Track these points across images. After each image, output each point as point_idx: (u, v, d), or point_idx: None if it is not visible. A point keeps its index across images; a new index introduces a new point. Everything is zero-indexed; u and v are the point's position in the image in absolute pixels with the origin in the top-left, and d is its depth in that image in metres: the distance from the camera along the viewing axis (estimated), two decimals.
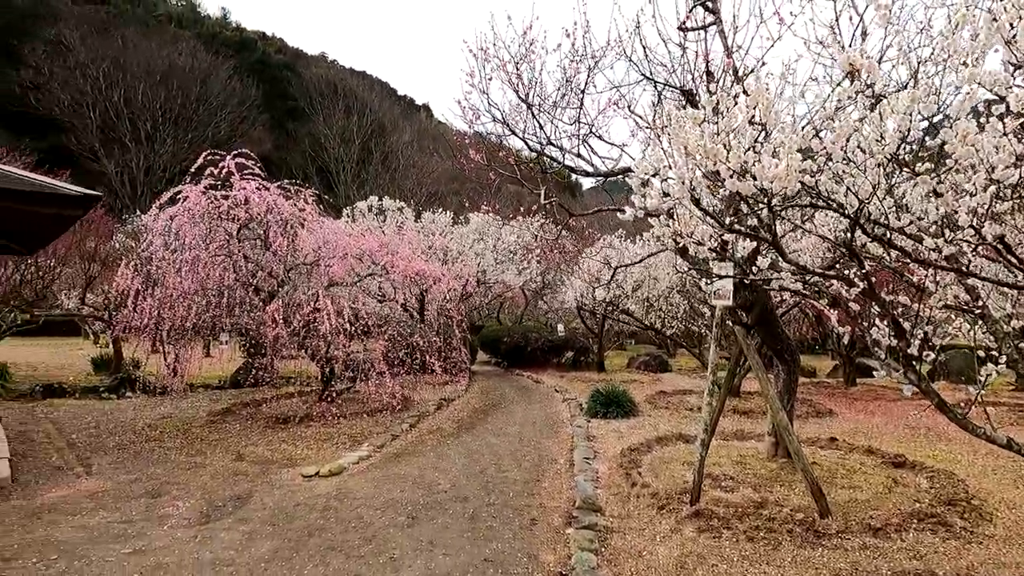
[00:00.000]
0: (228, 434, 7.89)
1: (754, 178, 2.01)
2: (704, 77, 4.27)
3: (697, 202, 2.36)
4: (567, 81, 4.49)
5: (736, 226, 2.48)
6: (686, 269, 9.65)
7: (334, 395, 9.44)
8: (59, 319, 19.45)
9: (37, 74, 35.24)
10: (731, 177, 2.04)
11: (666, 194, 2.85)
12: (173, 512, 4.85)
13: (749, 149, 2.08)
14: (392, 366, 9.36)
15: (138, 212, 19.27)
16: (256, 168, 8.88)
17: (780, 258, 2.51)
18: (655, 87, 4.36)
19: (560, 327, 15.71)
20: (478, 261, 13.46)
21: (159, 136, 37.41)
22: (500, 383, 14.24)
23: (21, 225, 7.02)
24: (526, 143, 4.78)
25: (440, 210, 14.75)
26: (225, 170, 8.35)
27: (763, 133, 2.13)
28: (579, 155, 4.85)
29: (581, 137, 4.81)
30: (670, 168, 2.44)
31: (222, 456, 6.70)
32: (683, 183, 2.27)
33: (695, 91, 4.27)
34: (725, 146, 2.03)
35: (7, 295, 14.16)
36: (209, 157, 8.45)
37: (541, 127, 4.81)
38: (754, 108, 2.12)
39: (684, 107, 3.35)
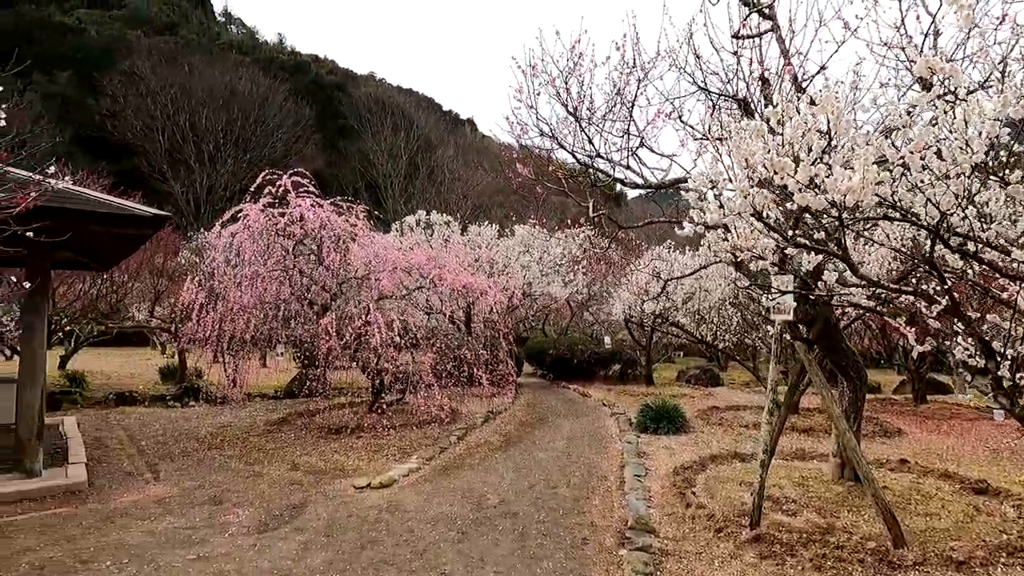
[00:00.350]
0: (283, 444, 8.14)
1: (823, 191, 1.91)
2: (759, 85, 4.13)
3: (759, 215, 2.27)
4: (616, 93, 4.45)
5: (801, 239, 2.36)
6: (741, 282, 9.34)
7: (384, 407, 9.60)
8: (130, 330, 20.75)
9: (113, 102, 38.03)
10: (800, 191, 1.94)
11: (722, 206, 2.76)
12: (233, 520, 5.02)
13: (817, 161, 1.97)
14: (440, 378, 9.47)
15: (201, 229, 20.34)
16: (311, 186, 9.23)
17: (851, 272, 2.37)
18: (708, 97, 4.25)
19: (607, 339, 15.48)
20: (524, 273, 13.47)
21: (220, 157, 39.52)
22: (546, 396, 14.14)
23: (100, 244, 7.53)
24: (575, 156, 4.75)
25: (486, 223, 14.87)
26: (282, 188, 8.70)
27: (828, 143, 2.02)
28: (628, 167, 4.78)
29: (631, 149, 4.74)
30: (730, 181, 2.36)
31: (278, 465, 6.91)
32: (744, 196, 2.18)
33: (751, 100, 4.14)
34: (793, 159, 1.94)
35: (85, 308, 15.21)
36: (267, 176, 8.85)
37: (590, 140, 4.78)
38: (821, 117, 2.02)
39: (741, 117, 3.24)
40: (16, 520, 4.97)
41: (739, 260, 5.11)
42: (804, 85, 3.81)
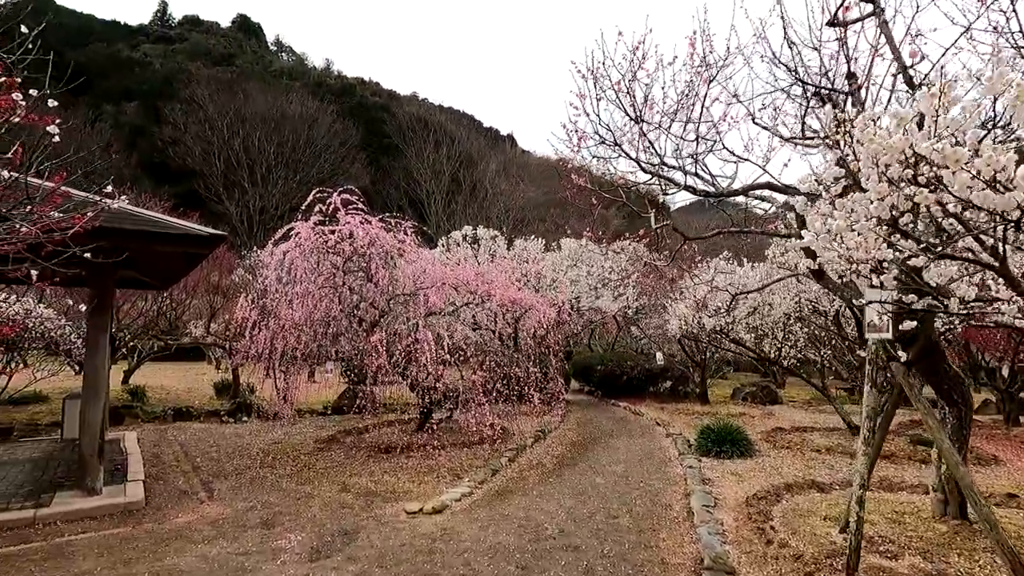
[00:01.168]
0: (333, 463, 8.04)
1: (1010, 188, 1.54)
2: (847, 81, 3.73)
3: (895, 222, 1.91)
4: (685, 94, 4.14)
5: (943, 250, 1.98)
6: (807, 295, 8.74)
7: (434, 426, 9.42)
8: (187, 346, 21.53)
9: (175, 129, 40.16)
10: (983, 189, 1.58)
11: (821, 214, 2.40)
12: (285, 545, 4.87)
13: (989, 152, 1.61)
14: (489, 396, 9.23)
15: (254, 248, 20.97)
16: (360, 203, 9.23)
17: (1011, 287, 1.96)
18: (805, 92, 3.86)
19: (659, 355, 14.90)
20: (573, 288, 13.11)
21: (272, 178, 41.05)
22: (596, 414, 13.67)
23: (158, 263, 7.70)
24: (639, 164, 4.45)
25: (532, 237, 14.63)
26: (332, 206, 8.72)
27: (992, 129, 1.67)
28: (697, 174, 4.44)
29: (697, 155, 4.40)
30: (854, 183, 2.02)
31: (329, 486, 6.78)
32: (880, 199, 1.84)
33: (845, 96, 3.73)
34: (974, 151, 1.59)
35: (147, 325, 15.81)
36: (318, 195, 8.89)
37: (651, 144, 4.48)
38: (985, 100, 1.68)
39: (839, 111, 2.87)
40: (75, 540, 4.98)
41: (816, 270, 4.67)
42: (913, 75, 3.40)
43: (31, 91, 3.22)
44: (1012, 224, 1.58)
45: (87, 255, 3.62)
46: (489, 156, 48.79)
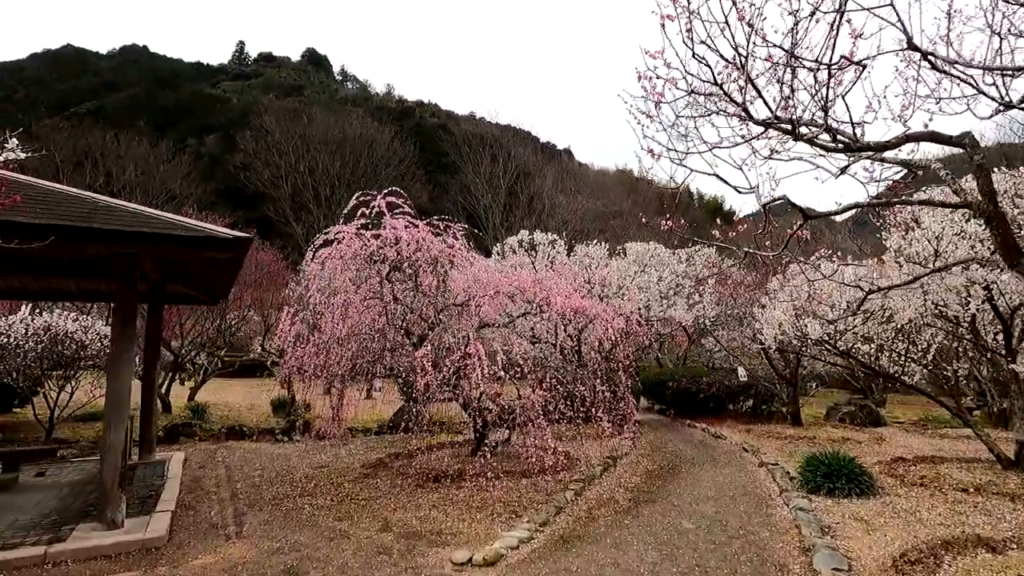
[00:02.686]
0: (377, 492, 7.22)
1: None
2: None
3: None
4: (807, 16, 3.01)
5: None
6: (932, 296, 7.09)
7: (488, 451, 8.46)
8: (251, 363, 21.82)
9: (245, 155, 42.16)
10: None
11: None
12: None
13: None
14: (548, 417, 8.18)
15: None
16: (406, 206, 8.53)
17: None
18: None
19: (741, 370, 13.28)
20: (642, 295, 11.84)
21: (335, 198, 42.14)
22: (671, 436, 12.24)
23: (192, 271, 7.25)
24: (747, 113, 3.33)
25: (595, 241, 13.52)
26: (376, 209, 8.05)
27: None
28: (826, 126, 3.28)
29: (827, 102, 3.24)
30: None
31: (368, 523, 5.92)
32: None
33: None
34: None
35: (207, 342, 15.92)
36: (361, 198, 8.26)
37: (759, 94, 3.36)
38: None
39: None
40: None
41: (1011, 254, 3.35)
42: None
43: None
44: None
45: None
46: (546, 170, 48.08)
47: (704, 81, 3.29)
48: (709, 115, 3.71)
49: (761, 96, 3.46)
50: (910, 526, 5.59)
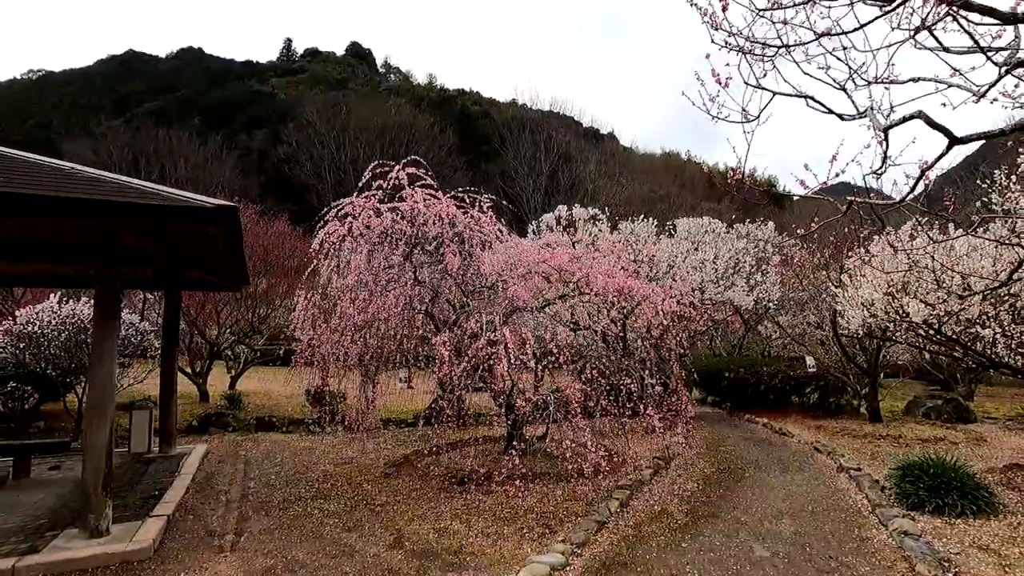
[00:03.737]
0: (397, 495, 6.46)
1: None
2: None
3: None
4: None
5: None
6: None
7: (521, 449, 7.58)
8: (293, 351, 21.76)
9: (290, 148, 42.65)
10: None
11: None
12: None
13: None
14: (589, 414, 7.22)
15: None
16: (428, 177, 7.68)
17: None
18: None
19: (809, 359, 11.82)
20: (696, 276, 10.54)
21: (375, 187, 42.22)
22: (729, 432, 11.01)
23: (201, 254, 6.65)
24: None
25: (642, 217, 12.21)
26: (393, 181, 7.23)
27: None
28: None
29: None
30: None
31: (379, 536, 5.15)
32: None
33: None
34: None
35: (244, 331, 15.72)
36: (377, 168, 7.46)
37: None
38: None
39: None
40: None
41: None
42: None
43: None
44: None
45: None
46: (588, 154, 46.54)
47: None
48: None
49: None
50: None
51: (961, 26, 2.34)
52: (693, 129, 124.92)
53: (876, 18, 2.38)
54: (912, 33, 2.36)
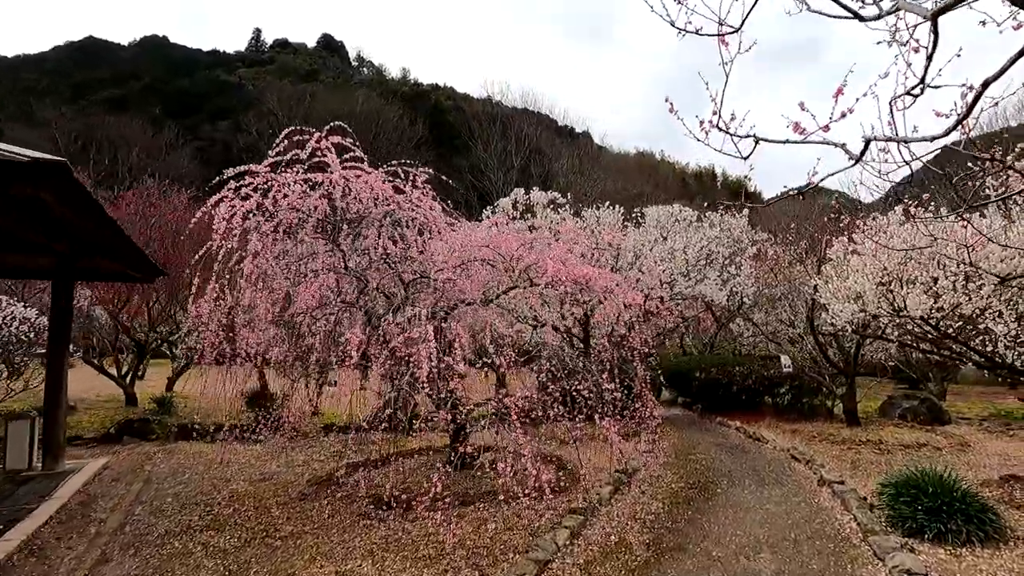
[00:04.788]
0: (306, 524, 5.39)
1: None
2: None
3: None
4: None
5: None
6: None
7: (459, 464, 6.60)
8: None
9: (250, 137, 40.81)
10: None
11: None
12: None
13: None
14: (535, 423, 6.28)
15: None
16: (357, 148, 6.63)
17: None
18: None
19: (784, 358, 11.10)
20: (664, 266, 9.64)
21: None
22: (700, 438, 10.20)
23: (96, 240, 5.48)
24: None
25: (607, 204, 11.27)
26: (313, 151, 6.14)
27: None
28: None
29: None
30: None
31: None
32: None
33: None
34: None
35: (171, 330, 14.31)
36: (292, 136, 6.36)
37: None
38: None
39: None
40: None
41: None
42: None
43: None
44: None
45: None
46: (561, 149, 45.78)
47: None
48: None
49: None
50: None
51: None
52: (668, 131, 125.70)
53: None
54: None
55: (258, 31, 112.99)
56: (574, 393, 5.83)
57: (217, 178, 5.59)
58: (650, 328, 10.89)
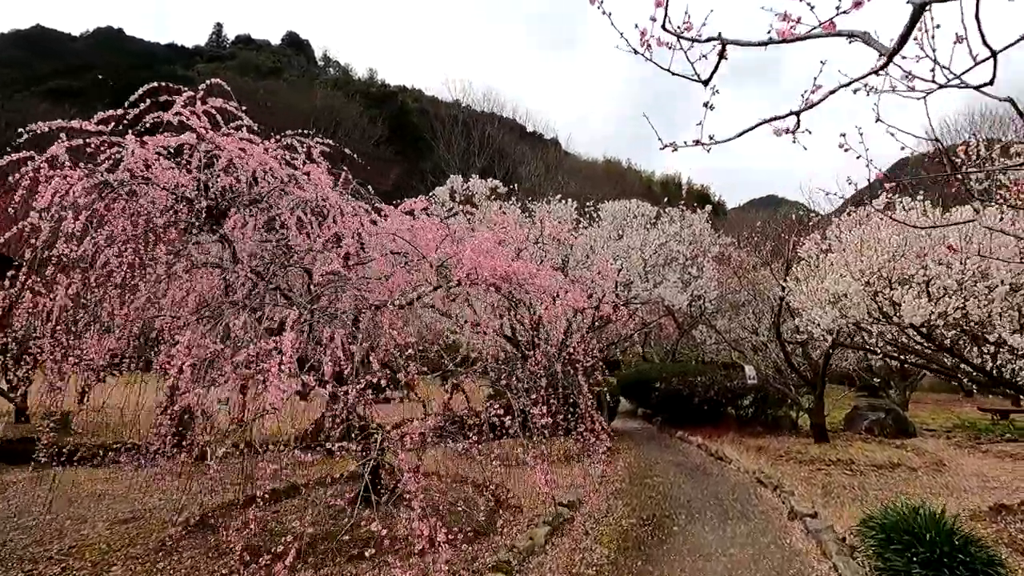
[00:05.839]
0: None
1: None
2: None
3: None
4: None
5: None
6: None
7: (386, 492, 5.46)
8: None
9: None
10: None
11: None
12: None
13: None
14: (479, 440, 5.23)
15: None
16: (243, 115, 5.45)
17: None
18: None
19: (749, 369, 10.28)
20: (619, 264, 8.62)
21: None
22: (658, 457, 9.27)
23: None
24: None
25: (558, 197, 10.16)
26: (177, 108, 4.91)
27: None
28: None
29: None
30: None
31: None
32: None
33: None
34: None
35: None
36: (163, 97, 5.13)
37: None
38: None
39: None
40: None
41: None
42: None
43: None
44: None
45: None
46: (524, 151, 45.05)
47: None
48: None
49: None
50: None
51: None
52: (636, 139, 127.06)
53: None
54: None
55: (219, 26, 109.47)
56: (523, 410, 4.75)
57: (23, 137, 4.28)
58: (605, 335, 9.96)
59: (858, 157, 2.45)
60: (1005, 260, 3.61)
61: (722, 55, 1.89)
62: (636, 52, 1.96)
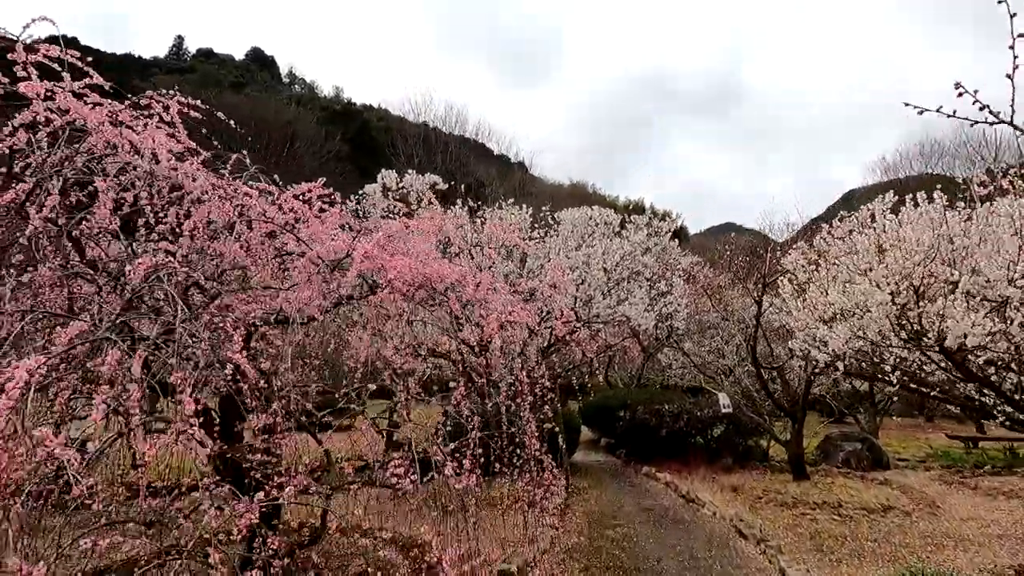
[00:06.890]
0: None
1: None
2: None
3: None
4: None
5: None
6: None
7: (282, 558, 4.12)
8: None
9: None
10: None
11: None
12: None
13: None
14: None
15: None
16: (96, 76, 4.21)
17: None
18: None
19: (722, 397, 9.32)
20: (580, 282, 7.57)
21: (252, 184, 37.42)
22: (622, 499, 8.15)
23: None
24: None
25: (511, 201, 9.08)
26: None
27: None
28: None
29: None
30: None
31: None
32: None
33: None
34: None
35: None
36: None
37: None
38: None
39: None
40: None
41: None
42: None
43: None
44: None
45: None
46: (481, 164, 44.50)
47: None
48: None
49: None
50: None
51: None
52: (600, 165, 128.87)
53: None
54: None
55: (180, 38, 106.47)
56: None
57: None
58: (565, 358, 8.89)
59: None
60: None
61: None
62: None
